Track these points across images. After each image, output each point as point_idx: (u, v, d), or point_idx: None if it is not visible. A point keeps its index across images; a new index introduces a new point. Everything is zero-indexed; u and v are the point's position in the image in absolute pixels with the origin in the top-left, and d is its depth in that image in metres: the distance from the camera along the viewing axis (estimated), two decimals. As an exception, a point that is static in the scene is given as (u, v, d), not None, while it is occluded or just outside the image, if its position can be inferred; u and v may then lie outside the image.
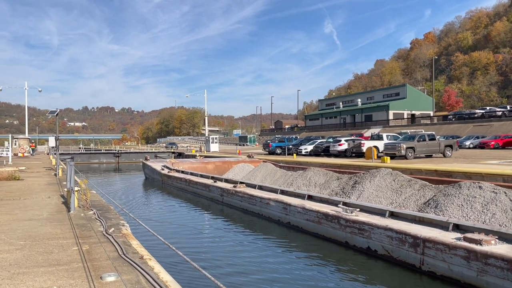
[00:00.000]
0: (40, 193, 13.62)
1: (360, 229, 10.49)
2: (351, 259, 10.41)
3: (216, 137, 53.63)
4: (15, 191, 14.03)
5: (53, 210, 10.23)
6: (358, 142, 29.12)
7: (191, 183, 23.22)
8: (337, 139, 32.14)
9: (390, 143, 26.15)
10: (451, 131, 39.19)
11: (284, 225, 14.01)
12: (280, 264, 10.32)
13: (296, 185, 20.90)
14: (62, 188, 14.85)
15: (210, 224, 15.73)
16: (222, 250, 11.59)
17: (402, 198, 14.77)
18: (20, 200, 11.92)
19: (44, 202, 11.49)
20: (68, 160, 11.04)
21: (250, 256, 10.98)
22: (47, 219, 9.03)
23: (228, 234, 13.79)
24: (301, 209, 12.96)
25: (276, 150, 39.18)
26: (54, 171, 22.48)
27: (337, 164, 22.78)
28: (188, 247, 11.58)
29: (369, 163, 21.86)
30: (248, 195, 16.51)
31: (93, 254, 6.19)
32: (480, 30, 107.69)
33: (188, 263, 4.16)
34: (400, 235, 9.29)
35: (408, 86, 71.32)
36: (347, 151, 30.34)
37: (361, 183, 16.70)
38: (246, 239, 13.00)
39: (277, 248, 11.96)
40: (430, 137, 26.52)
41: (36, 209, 10.28)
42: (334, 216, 11.46)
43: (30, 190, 14.45)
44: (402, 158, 24.87)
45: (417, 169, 18.46)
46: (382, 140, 29.08)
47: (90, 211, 9.91)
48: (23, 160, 36.05)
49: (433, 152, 26.55)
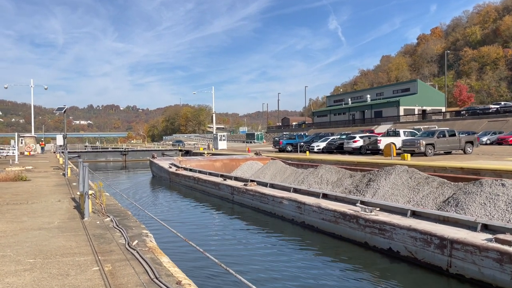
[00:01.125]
0: (49, 196, 12.73)
1: (381, 229, 10.07)
2: (372, 260, 10.00)
3: (224, 135, 53.08)
4: (22, 194, 13.17)
5: (65, 216, 9.27)
6: (375, 139, 28.36)
7: (200, 181, 22.88)
8: (352, 136, 31.40)
9: (409, 140, 25.35)
10: (465, 126, 38.39)
11: (298, 225, 13.62)
12: (298, 264, 9.96)
13: (307, 183, 20.48)
14: (72, 190, 14.00)
15: (224, 224, 15.35)
16: (239, 250, 11.22)
17: (420, 196, 14.32)
18: (27, 204, 10.98)
19: (54, 207, 10.50)
20: (80, 161, 10.16)
21: (267, 255, 10.61)
22: (59, 228, 8.04)
23: (242, 234, 13.41)
24: (317, 208, 12.56)
25: (286, 147, 38.62)
26: (62, 171, 21.85)
27: (354, 161, 22.10)
28: (209, 250, 11.21)
29: (388, 160, 21.26)
30: (260, 194, 16.12)
31: (118, 277, 5.15)
32: (488, 24, 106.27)
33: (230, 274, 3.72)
34: (425, 235, 8.86)
35: (419, 81, 70.10)
36: (362, 148, 29.58)
37: (375, 181, 16.25)
38: (262, 239, 12.62)
39: (293, 248, 11.58)
40: (450, 133, 25.71)
41: (46, 216, 9.33)
42: (352, 216, 11.04)
43: (38, 192, 13.54)
44: (421, 155, 24.09)
45: (441, 166, 17.72)
46: (399, 137, 28.26)
47: (107, 218, 8.98)
48: (30, 159, 35.89)
49: (453, 148, 25.72)
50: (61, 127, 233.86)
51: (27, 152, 44.11)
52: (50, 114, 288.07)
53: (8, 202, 11.35)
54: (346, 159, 23.82)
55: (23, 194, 13.10)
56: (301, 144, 36.12)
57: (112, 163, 53.79)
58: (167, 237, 11.11)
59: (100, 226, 8.07)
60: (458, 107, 68.78)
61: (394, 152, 23.33)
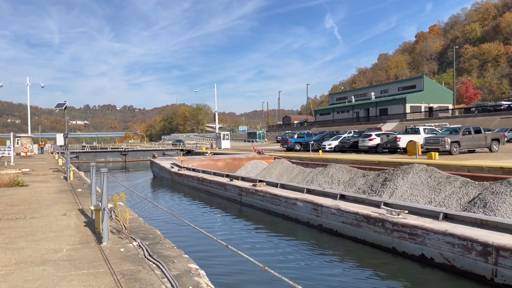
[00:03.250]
0: (52, 206, 10.37)
1: (411, 233, 9.28)
2: (401, 267, 9.22)
3: (227, 134, 51.97)
4: (19, 204, 10.82)
5: (76, 239, 6.83)
6: (394, 137, 27.03)
7: (204, 181, 22.04)
8: (367, 134, 30.08)
9: (432, 137, 24.14)
10: (476, 124, 37.18)
11: (314, 228, 12.81)
12: (319, 272, 9.20)
13: (317, 182, 19.70)
14: (78, 199, 11.68)
15: (233, 227, 14.50)
16: (254, 256, 10.40)
17: (442, 197, 13.55)
18: (25, 219, 8.58)
19: (59, 224, 8.03)
20: (93, 165, 8.34)
21: (285, 262, 9.82)
22: (70, 260, 5.65)
23: (254, 237, 12.60)
24: (336, 210, 11.75)
25: (295, 146, 37.26)
26: (62, 174, 20.11)
27: (374, 161, 20.94)
28: (223, 256, 10.42)
29: (413, 159, 20.05)
30: (271, 195, 15.30)
31: None
32: (488, 21, 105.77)
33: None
34: (464, 241, 8.07)
35: (425, 78, 68.70)
36: (378, 146, 28.29)
37: (392, 181, 15.48)
38: (276, 243, 11.81)
39: (311, 252, 10.80)
40: (475, 130, 24.59)
41: (50, 238, 6.87)
42: (377, 219, 10.24)
43: (37, 201, 11.18)
44: (446, 153, 22.88)
45: (477, 166, 16.40)
46: (418, 134, 26.96)
47: (132, 242, 6.50)
48: (27, 160, 34.22)
49: (478, 146, 24.55)
50: (58, 127, 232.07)
51: (24, 153, 42.78)
52: (46, 114, 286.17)
53: (0, 216, 8.94)
54: (365, 159, 22.55)
55: (19, 204, 10.81)
56: (309, 143, 34.70)
57: (111, 163, 52.69)
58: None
59: (127, 257, 5.78)
60: (464, 104, 67.98)
61: (419, 151, 22.06)
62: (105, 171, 6.45)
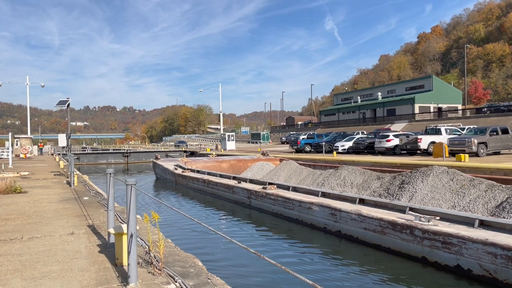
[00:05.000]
0: (55, 221, 8.53)
1: (445, 242, 8.50)
2: (435, 279, 8.45)
3: (233, 135, 50.83)
4: (15, 217, 8.95)
5: (91, 276, 4.96)
6: (414, 138, 25.83)
7: (210, 183, 21.27)
8: (384, 134, 28.96)
9: (457, 138, 23.08)
10: (489, 124, 36.60)
11: (332, 234, 12.03)
12: (341, 280, 8.47)
13: (329, 185, 18.94)
14: (85, 210, 9.90)
15: (243, 232, 13.71)
16: (269, 264, 9.63)
17: (466, 201, 12.76)
18: (22, 241, 6.77)
19: (66, 250, 6.22)
20: (110, 172, 6.42)
21: (303, 271, 9.04)
22: None
23: (267, 243, 11.82)
24: (356, 215, 10.98)
25: (305, 148, 36.09)
26: (65, 178, 18.70)
27: (396, 163, 19.90)
28: (236, 265, 9.65)
29: (438, 161, 18.97)
30: (283, 198, 14.53)
31: None
32: (492, 21, 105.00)
33: None
34: (509, 252, 7.30)
35: (434, 78, 67.09)
36: (396, 148, 27.16)
37: (410, 184, 14.69)
38: (291, 250, 11.06)
39: (330, 261, 10.05)
40: (502, 130, 23.48)
41: (56, 275, 5.03)
42: (405, 226, 9.47)
43: (37, 214, 9.38)
44: (472, 155, 21.67)
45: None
46: (440, 135, 25.89)
47: (171, 283, 4.66)
48: (26, 162, 32.84)
49: (506, 147, 23.45)
50: (58, 129, 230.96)
51: (23, 154, 41.71)
52: (46, 115, 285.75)
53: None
54: (385, 161, 21.45)
55: (16, 218, 8.94)
56: (320, 144, 33.50)
57: (113, 165, 51.82)
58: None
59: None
60: (473, 104, 67.02)
61: (447, 153, 20.94)
62: (132, 182, 4.56)
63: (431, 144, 25.37)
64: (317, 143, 35.61)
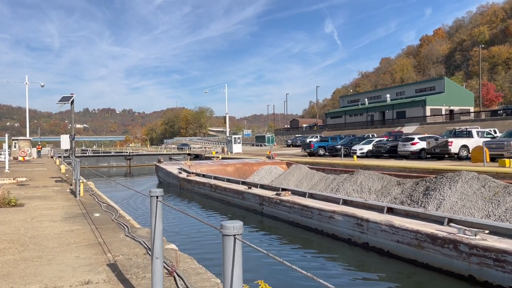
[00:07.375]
0: (60, 255, 6.02)
1: (498, 259, 7.50)
2: (486, 301, 7.46)
3: (239, 137, 49.74)
4: (4, 249, 6.42)
5: None
6: (444, 141, 24.24)
7: (218, 188, 20.26)
8: (409, 137, 27.47)
9: (494, 141, 21.77)
10: (507, 127, 35.44)
11: (358, 246, 11.02)
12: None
13: (344, 191, 17.95)
14: (100, 234, 7.56)
15: (257, 242, 12.70)
16: (293, 278, 8.61)
17: (502, 210, 11.76)
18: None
19: None
20: (157, 195, 4.06)
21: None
22: None
23: (284, 254, 10.79)
24: (388, 227, 9.97)
25: (318, 151, 34.76)
26: (67, 184, 16.61)
27: (428, 168, 18.50)
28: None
29: (479, 167, 17.58)
30: (300, 206, 13.52)
31: None
32: (496, 24, 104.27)
33: None
34: None
35: (446, 79, 65.65)
36: (422, 151, 25.57)
37: (437, 190, 13.70)
38: (312, 263, 10.04)
39: (359, 277, 9.04)
40: None
41: None
42: (447, 239, 8.46)
43: (36, 243, 6.86)
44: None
45: None
46: (472, 138, 24.54)
47: None
48: (24, 165, 30.73)
49: None
50: (57, 131, 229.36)
51: (21, 157, 40.28)
52: (45, 117, 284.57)
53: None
54: (415, 166, 20.02)
55: (6, 248, 6.49)
56: (336, 147, 32.14)
57: (115, 168, 50.56)
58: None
59: None
60: (485, 106, 65.98)
61: (487, 157, 19.60)
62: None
63: (462, 147, 24.03)
64: (332, 146, 34.12)
